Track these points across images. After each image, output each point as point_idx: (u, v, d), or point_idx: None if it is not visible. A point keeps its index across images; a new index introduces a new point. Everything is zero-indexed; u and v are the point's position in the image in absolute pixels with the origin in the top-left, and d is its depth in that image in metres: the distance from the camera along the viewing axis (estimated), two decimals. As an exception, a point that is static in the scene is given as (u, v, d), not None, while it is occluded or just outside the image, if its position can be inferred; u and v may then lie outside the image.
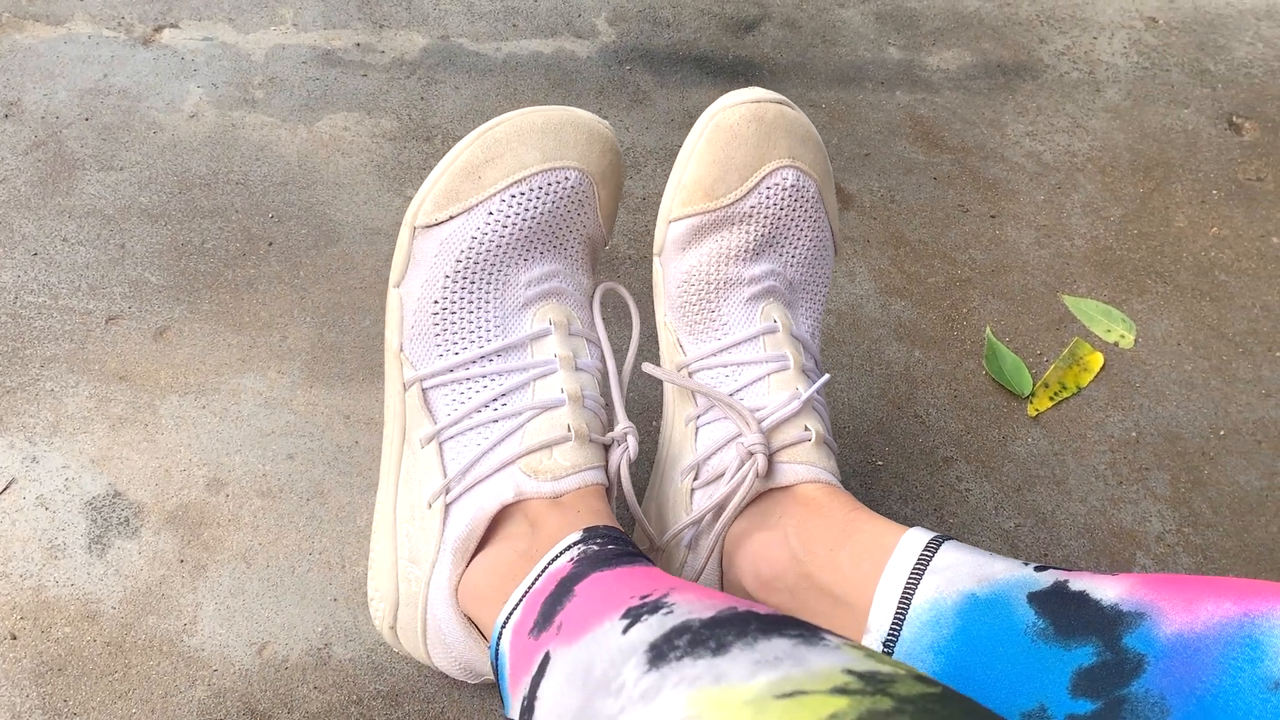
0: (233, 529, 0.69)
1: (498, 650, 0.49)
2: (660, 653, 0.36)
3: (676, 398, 0.65)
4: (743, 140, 0.62)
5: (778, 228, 0.63)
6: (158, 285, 0.80)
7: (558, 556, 0.50)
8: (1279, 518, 0.80)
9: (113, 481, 0.70)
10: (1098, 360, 0.87)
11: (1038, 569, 0.48)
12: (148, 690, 0.63)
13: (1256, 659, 0.38)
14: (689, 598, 0.41)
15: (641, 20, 1.07)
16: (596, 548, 0.50)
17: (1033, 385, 0.84)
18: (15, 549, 0.67)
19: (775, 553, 0.57)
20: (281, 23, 0.99)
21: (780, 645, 0.34)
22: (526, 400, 0.57)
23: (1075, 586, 0.46)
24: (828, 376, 0.62)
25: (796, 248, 0.64)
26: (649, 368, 0.62)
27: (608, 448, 0.59)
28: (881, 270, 0.90)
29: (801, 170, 0.63)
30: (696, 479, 0.62)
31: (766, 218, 0.62)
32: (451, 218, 0.58)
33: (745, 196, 0.62)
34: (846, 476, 0.76)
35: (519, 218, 0.59)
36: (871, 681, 0.31)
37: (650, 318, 0.81)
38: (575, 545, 0.51)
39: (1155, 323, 0.90)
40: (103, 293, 0.79)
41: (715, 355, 0.62)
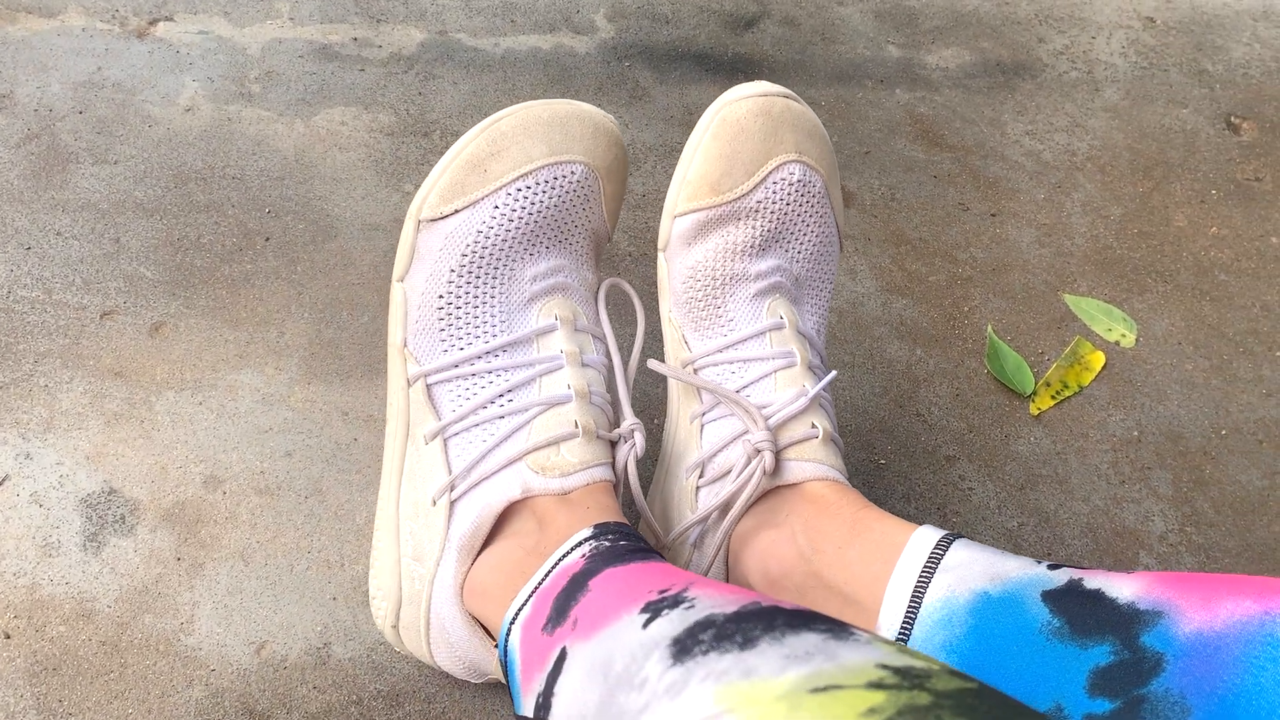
0: (230, 527, 0.68)
1: (506, 647, 0.48)
2: (684, 647, 0.36)
3: (681, 394, 0.64)
4: (749, 134, 0.61)
5: (784, 223, 0.63)
6: (153, 280, 0.79)
7: (569, 552, 0.50)
8: (1281, 517, 0.80)
9: (108, 478, 0.69)
10: (1099, 359, 0.86)
11: (1051, 567, 0.48)
12: (144, 690, 0.62)
13: (1279, 657, 0.38)
14: (710, 592, 0.40)
15: (640, 16, 1.06)
16: (609, 543, 0.49)
17: (1034, 384, 0.84)
18: (9, 546, 0.66)
19: (783, 551, 0.57)
20: (278, 17, 0.98)
21: (810, 640, 0.34)
22: (533, 396, 0.57)
23: (1090, 585, 0.46)
24: (835, 373, 0.62)
25: (803, 243, 0.64)
26: (654, 364, 0.61)
27: (614, 444, 0.58)
28: (883, 268, 0.90)
29: (808, 165, 0.63)
30: (702, 476, 0.62)
31: (773, 213, 0.62)
32: (457, 211, 0.58)
33: (752, 191, 0.61)
34: (849, 475, 0.75)
35: (525, 212, 0.58)
36: (907, 676, 0.31)
37: (654, 314, 0.81)
38: (587, 541, 0.50)
39: (1156, 322, 0.90)
40: (97, 287, 0.78)
41: (721, 352, 0.62)
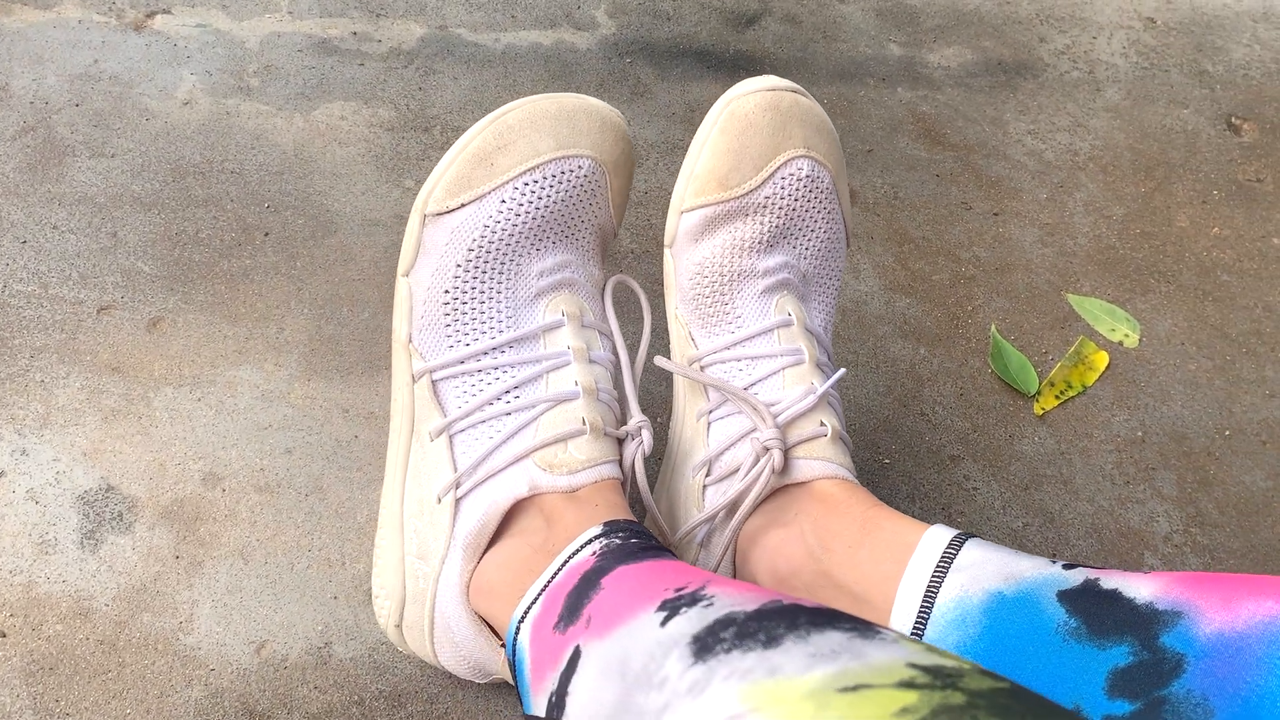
0: (229, 525, 0.68)
1: (515, 645, 0.48)
2: (705, 645, 0.35)
3: (688, 392, 0.63)
4: (758, 129, 0.60)
5: (792, 219, 0.62)
6: (151, 275, 0.78)
7: (579, 550, 0.49)
8: (1285, 518, 0.79)
9: (105, 475, 0.68)
10: (1103, 359, 0.86)
11: (1066, 567, 0.47)
12: (143, 690, 0.61)
13: (1302, 658, 0.38)
14: (728, 590, 0.39)
15: (642, 13, 1.06)
16: (619, 541, 0.49)
17: (1038, 384, 0.83)
18: (5, 544, 0.65)
19: (792, 550, 0.56)
20: (276, 10, 0.98)
21: (835, 638, 0.33)
22: (540, 393, 0.56)
23: (1107, 585, 0.45)
24: (843, 371, 0.61)
25: (811, 239, 0.63)
26: (661, 361, 0.60)
27: (621, 442, 0.58)
28: (886, 267, 0.89)
29: (816, 160, 0.62)
30: (709, 475, 0.61)
31: (781, 209, 0.61)
32: (463, 205, 0.57)
33: (760, 187, 0.61)
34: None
35: (532, 206, 0.57)
36: (938, 675, 0.30)
37: (659, 311, 0.80)
38: (597, 539, 0.49)
39: (1159, 322, 0.90)
40: (94, 282, 0.77)
41: (729, 349, 0.61)
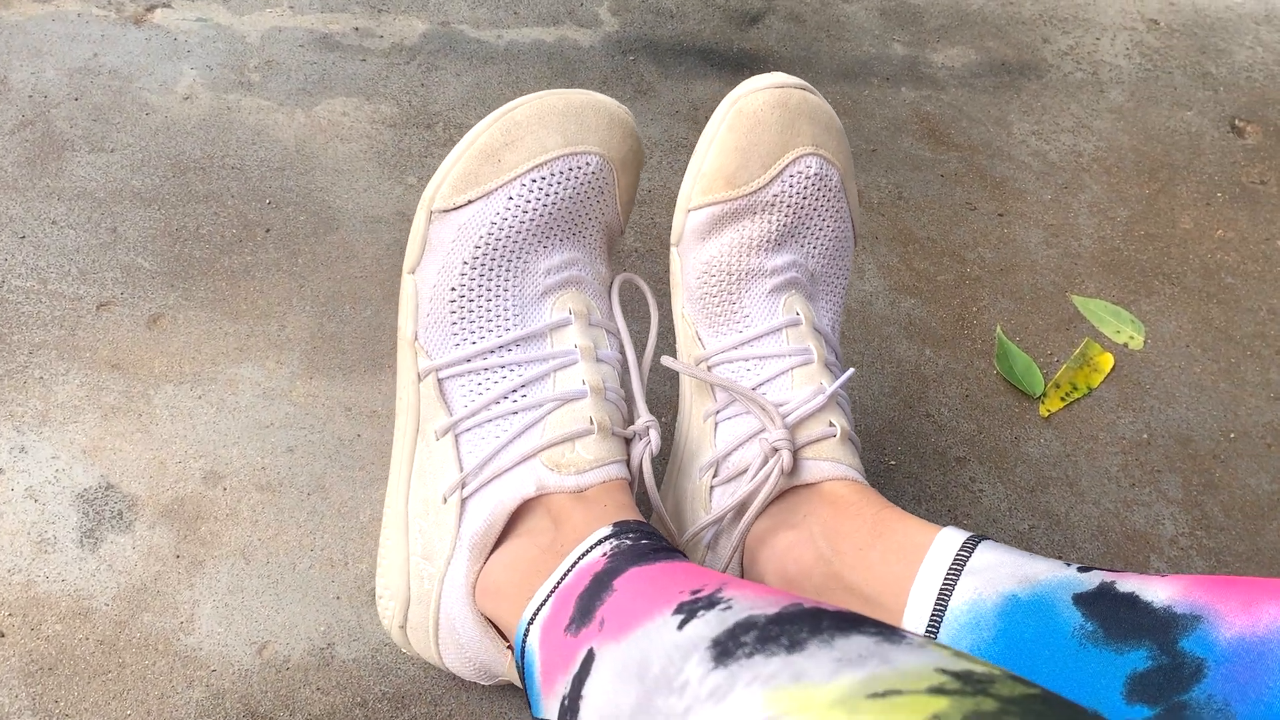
0: (231, 524, 0.67)
1: (524, 647, 0.47)
2: (726, 649, 0.35)
3: (694, 392, 0.63)
4: (766, 127, 0.60)
5: (800, 218, 0.61)
6: (151, 271, 0.77)
7: (589, 551, 0.48)
8: (1291, 521, 0.79)
9: (105, 473, 0.68)
10: (1108, 361, 0.86)
11: (1081, 570, 0.47)
12: (143, 691, 0.60)
13: (1325, 663, 0.37)
14: (745, 593, 0.39)
15: (644, 10, 1.05)
16: (630, 542, 0.48)
17: (1044, 385, 0.83)
18: (3, 542, 0.64)
19: (801, 552, 0.56)
20: (277, 5, 0.97)
21: (861, 643, 0.33)
22: (547, 392, 0.55)
23: (1123, 588, 0.45)
24: (852, 371, 0.61)
25: (819, 238, 0.63)
26: (668, 360, 0.60)
27: (629, 442, 0.57)
28: (891, 267, 0.89)
29: (825, 159, 0.62)
30: (716, 476, 0.60)
31: (789, 207, 0.61)
32: (470, 202, 0.56)
33: (768, 185, 0.60)
34: (859, 475, 0.74)
35: (540, 203, 0.57)
36: (969, 681, 0.29)
37: (665, 310, 0.79)
38: (607, 539, 0.49)
39: (1163, 324, 0.90)
40: (93, 278, 0.76)
41: (736, 349, 0.61)
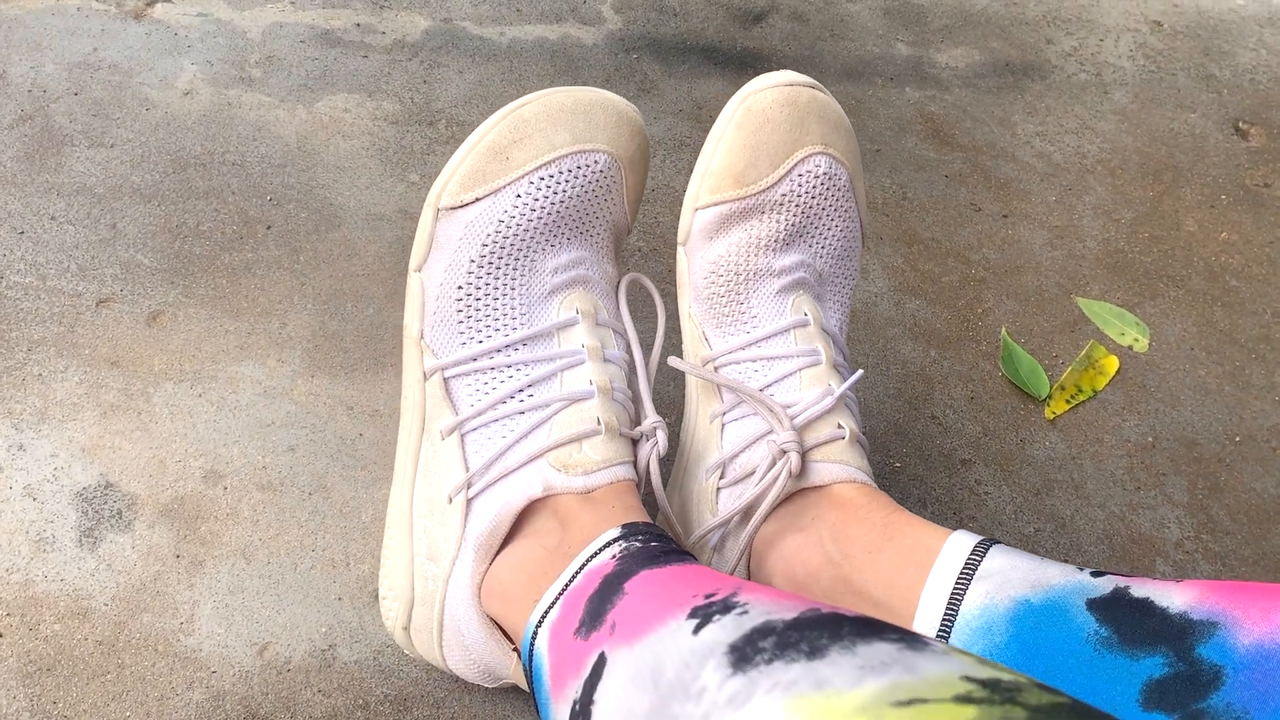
0: (231, 523, 0.66)
1: (532, 650, 0.46)
2: (743, 655, 0.34)
3: (701, 393, 0.62)
4: (775, 125, 0.59)
5: (809, 217, 0.61)
6: (151, 268, 0.77)
7: (597, 553, 0.48)
8: (1297, 525, 0.79)
9: (104, 472, 0.67)
10: (1113, 364, 0.85)
11: (1094, 574, 0.46)
12: (142, 692, 0.60)
13: (1346, 671, 0.37)
14: (761, 597, 0.38)
15: (648, 8, 1.04)
16: (640, 544, 0.47)
17: (1049, 387, 0.82)
18: (1, 541, 0.64)
19: (809, 555, 0.55)
20: (278, 0, 0.96)
21: (884, 650, 0.32)
22: (554, 391, 0.55)
23: (1138, 593, 0.44)
24: (861, 372, 0.60)
25: (827, 238, 0.62)
26: (675, 361, 0.59)
27: (636, 442, 0.56)
28: (895, 268, 0.88)
29: (834, 158, 0.61)
30: (723, 478, 0.60)
31: (798, 206, 0.60)
32: (478, 199, 0.56)
33: (777, 184, 0.60)
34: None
35: (548, 201, 0.56)
36: (996, 689, 0.29)
37: (672, 310, 0.79)
38: (616, 541, 0.48)
39: (1168, 327, 0.89)
40: (93, 274, 0.76)
41: (744, 349, 0.60)
